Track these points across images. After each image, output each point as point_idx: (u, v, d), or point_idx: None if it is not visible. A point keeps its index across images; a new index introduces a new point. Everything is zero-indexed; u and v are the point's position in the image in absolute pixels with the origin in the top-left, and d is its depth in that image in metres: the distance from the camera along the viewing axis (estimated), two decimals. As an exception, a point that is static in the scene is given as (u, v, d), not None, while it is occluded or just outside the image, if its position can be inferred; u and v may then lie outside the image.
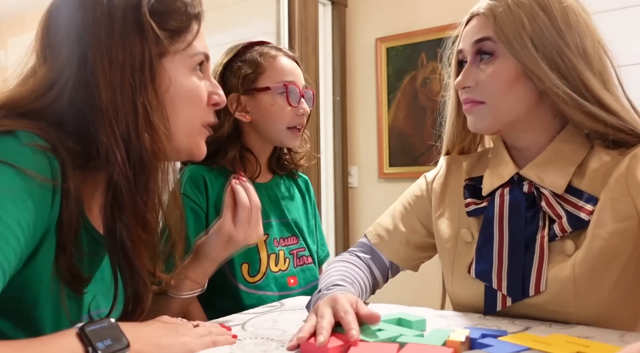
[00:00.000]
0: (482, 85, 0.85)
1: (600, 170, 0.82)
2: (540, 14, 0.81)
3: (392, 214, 1.04)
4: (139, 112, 0.65)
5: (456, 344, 0.65)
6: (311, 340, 0.66)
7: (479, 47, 0.86)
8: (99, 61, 0.64)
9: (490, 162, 0.93)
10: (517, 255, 0.83)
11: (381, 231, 1.02)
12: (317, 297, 0.84)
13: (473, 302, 0.88)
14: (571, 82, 0.80)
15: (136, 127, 0.65)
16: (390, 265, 1.01)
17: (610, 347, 0.65)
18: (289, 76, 1.15)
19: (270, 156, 1.23)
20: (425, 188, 1.02)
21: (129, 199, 0.66)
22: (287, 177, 1.27)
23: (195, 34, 0.73)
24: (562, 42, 0.80)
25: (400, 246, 1.00)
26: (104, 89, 0.64)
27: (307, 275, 1.20)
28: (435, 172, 1.02)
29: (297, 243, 1.20)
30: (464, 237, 0.92)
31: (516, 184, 0.87)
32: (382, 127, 2.83)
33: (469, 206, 0.91)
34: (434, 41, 2.64)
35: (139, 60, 0.66)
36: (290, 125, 1.15)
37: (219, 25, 2.92)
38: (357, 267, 0.98)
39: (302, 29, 2.55)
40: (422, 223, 1.00)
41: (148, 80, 0.67)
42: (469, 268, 0.88)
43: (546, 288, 0.80)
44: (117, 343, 0.59)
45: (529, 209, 0.84)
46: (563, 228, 0.81)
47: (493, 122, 0.86)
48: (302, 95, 1.16)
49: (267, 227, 1.16)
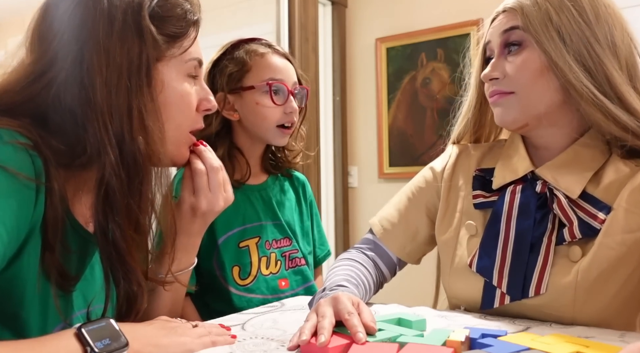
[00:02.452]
0: (511, 76, 0.84)
1: (616, 180, 0.81)
2: (569, 5, 0.80)
3: (397, 207, 1.02)
4: (134, 115, 0.65)
5: (456, 344, 0.65)
6: (312, 340, 0.66)
7: (507, 38, 0.85)
8: (96, 61, 0.64)
9: (502, 154, 0.92)
10: (521, 255, 0.82)
11: (386, 224, 1.01)
12: (320, 296, 0.84)
13: (470, 296, 0.87)
14: (595, 77, 0.79)
15: (130, 129, 0.65)
16: (397, 260, 1.00)
17: (610, 346, 0.65)
18: (275, 74, 1.13)
19: (263, 155, 1.22)
20: (431, 180, 1.00)
21: (122, 201, 0.65)
22: (282, 177, 1.26)
23: (193, 40, 0.74)
24: (591, 34, 0.80)
25: (407, 241, 0.99)
26: (100, 90, 0.64)
27: (299, 277, 1.18)
28: (444, 162, 1.00)
29: (289, 245, 1.19)
30: (468, 229, 0.90)
31: (529, 182, 0.85)
32: (382, 127, 2.83)
33: (477, 198, 0.90)
34: (434, 41, 2.64)
35: (136, 63, 0.66)
36: (279, 124, 1.14)
37: (218, 26, 2.92)
38: (363, 265, 0.97)
39: (302, 29, 2.55)
40: (428, 216, 0.99)
41: (144, 83, 0.67)
42: (470, 262, 0.87)
43: (546, 292, 0.80)
44: (115, 343, 0.59)
45: (539, 210, 0.83)
46: (573, 233, 0.80)
47: (521, 114, 0.85)
48: (291, 93, 1.14)
49: (260, 229, 1.16)
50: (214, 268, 1.13)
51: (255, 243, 1.15)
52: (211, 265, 1.13)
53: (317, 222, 1.32)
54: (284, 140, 1.17)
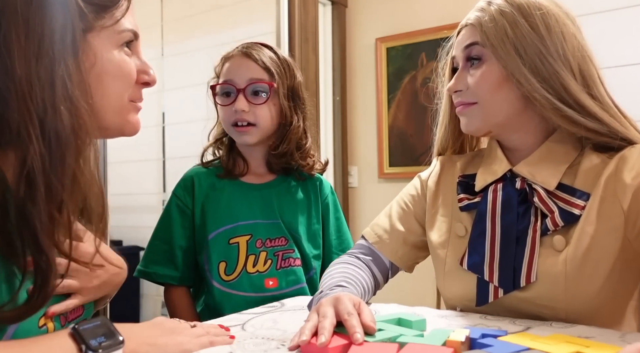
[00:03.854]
0: (472, 88, 0.90)
1: (592, 171, 0.85)
2: (522, 21, 0.85)
3: (389, 214, 1.05)
4: (57, 86, 0.62)
5: (456, 344, 0.65)
6: (312, 340, 0.66)
7: (469, 53, 0.91)
8: (13, 30, 0.60)
9: (483, 160, 0.96)
10: (509, 248, 0.86)
11: (379, 231, 1.04)
12: (319, 297, 0.84)
13: (465, 294, 0.89)
14: (552, 86, 0.84)
15: (53, 101, 0.62)
16: (390, 265, 1.02)
17: (610, 346, 0.65)
18: (223, 77, 1.19)
19: (266, 156, 1.23)
20: (420, 188, 1.04)
21: (44, 179, 0.61)
22: (293, 179, 1.26)
23: (125, 10, 0.71)
24: (543, 47, 0.84)
25: (398, 245, 1.01)
26: (19, 60, 0.60)
27: (291, 277, 1.18)
28: (429, 171, 1.05)
29: (284, 245, 1.19)
30: (457, 231, 0.94)
31: (509, 181, 0.90)
32: (382, 127, 2.83)
33: (462, 201, 0.94)
34: (434, 41, 2.64)
35: (59, 32, 0.63)
36: (232, 123, 1.17)
37: (218, 26, 2.92)
38: (359, 268, 0.98)
39: (302, 29, 2.55)
40: (419, 222, 1.02)
41: (69, 53, 0.64)
42: (461, 261, 0.90)
43: (537, 281, 0.83)
44: (110, 340, 0.59)
45: (521, 205, 0.87)
46: (555, 222, 0.83)
47: (484, 122, 0.91)
48: (241, 91, 1.16)
49: (253, 227, 1.18)
50: (203, 262, 1.17)
51: (246, 241, 1.17)
52: (202, 259, 1.18)
53: (335, 224, 1.30)
54: (245, 138, 1.18)
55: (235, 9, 2.90)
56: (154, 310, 3.35)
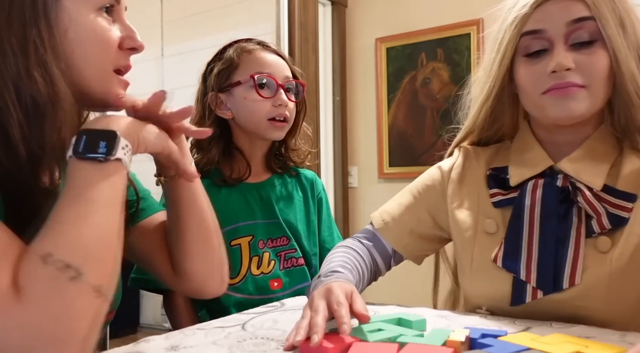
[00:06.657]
0: (586, 69, 0.81)
1: (634, 171, 0.82)
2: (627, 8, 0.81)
3: (400, 201, 1.01)
4: (30, 50, 0.61)
5: (456, 344, 0.65)
6: (310, 340, 0.66)
7: (577, 28, 0.80)
8: None
9: (513, 153, 0.92)
10: (548, 249, 0.82)
11: (386, 217, 1.00)
12: (316, 283, 0.84)
13: (496, 293, 0.86)
14: None
15: (27, 66, 0.60)
16: (393, 252, 1.00)
17: (610, 346, 0.65)
18: (262, 68, 1.14)
19: (267, 155, 1.22)
20: (439, 179, 0.99)
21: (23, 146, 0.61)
22: (288, 176, 1.25)
23: None
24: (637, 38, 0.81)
25: (404, 234, 0.98)
26: None
27: (296, 277, 1.17)
28: (451, 162, 0.99)
29: (286, 245, 1.18)
30: (487, 227, 0.90)
31: (549, 177, 0.85)
32: (382, 127, 2.83)
33: (495, 196, 0.90)
34: (434, 41, 2.64)
35: None
36: (269, 117, 1.14)
37: (218, 26, 2.93)
38: (358, 252, 0.96)
39: (302, 29, 2.55)
40: (430, 214, 0.98)
41: (41, 16, 0.62)
42: (494, 258, 0.86)
43: (581, 282, 0.79)
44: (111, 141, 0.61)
45: (562, 204, 0.83)
46: (602, 224, 0.80)
47: (588, 109, 0.82)
48: (281, 86, 1.14)
49: (254, 228, 1.16)
50: None
51: (247, 242, 1.14)
52: None
53: (327, 220, 1.29)
54: (279, 134, 1.16)
55: (235, 9, 2.90)
56: (154, 310, 3.35)
